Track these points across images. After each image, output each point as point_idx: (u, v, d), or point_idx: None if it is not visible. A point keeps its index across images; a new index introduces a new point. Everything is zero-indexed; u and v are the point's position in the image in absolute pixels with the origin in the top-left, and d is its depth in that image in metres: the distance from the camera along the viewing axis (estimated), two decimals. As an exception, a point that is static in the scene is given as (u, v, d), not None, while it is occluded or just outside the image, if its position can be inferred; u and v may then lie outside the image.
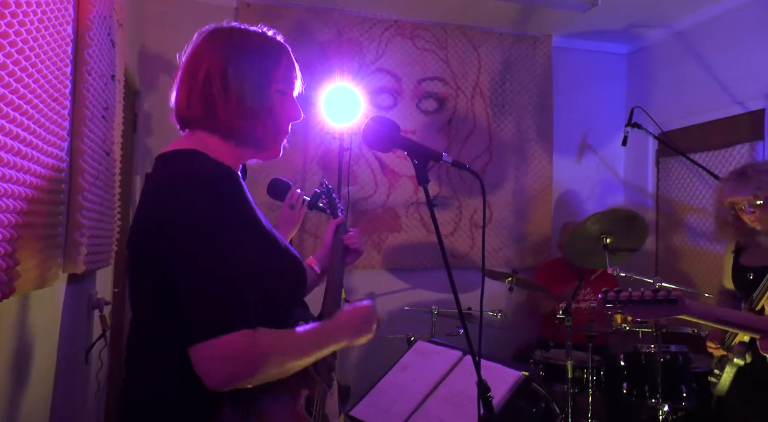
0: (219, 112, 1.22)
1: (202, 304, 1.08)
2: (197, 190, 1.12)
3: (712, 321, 1.51)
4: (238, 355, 1.07)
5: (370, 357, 4.17)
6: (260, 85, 1.26)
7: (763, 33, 3.73)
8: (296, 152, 4.10)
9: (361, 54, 4.22)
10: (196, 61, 1.25)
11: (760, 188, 2.46)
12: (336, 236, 1.76)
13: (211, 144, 1.25)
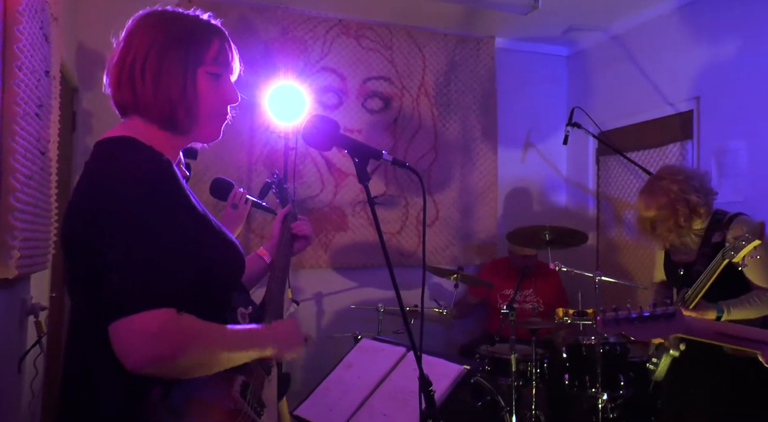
0: (141, 96, 1.22)
1: (123, 282, 1.06)
2: (127, 178, 1.12)
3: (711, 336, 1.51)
4: (159, 332, 1.04)
5: (317, 356, 4.16)
6: (184, 69, 1.24)
7: (690, 38, 3.91)
8: (241, 152, 4.05)
9: (306, 53, 4.20)
10: (126, 44, 1.25)
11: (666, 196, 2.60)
12: (284, 224, 1.75)
13: (145, 130, 1.24)
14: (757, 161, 3.48)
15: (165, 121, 1.24)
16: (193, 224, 1.20)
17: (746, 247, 2.20)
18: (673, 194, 2.60)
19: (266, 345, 1.28)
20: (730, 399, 2.52)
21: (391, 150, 4.39)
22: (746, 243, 2.19)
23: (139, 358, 1.04)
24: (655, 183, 2.69)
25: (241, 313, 1.31)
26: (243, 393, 1.27)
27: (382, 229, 4.34)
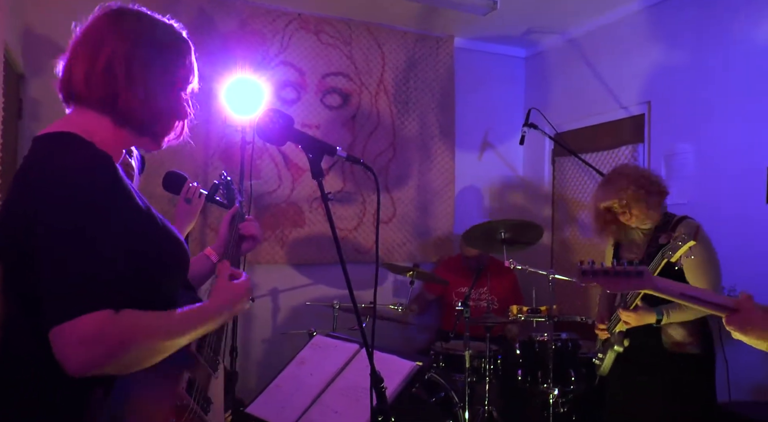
0: (121, 101, 1.20)
1: (60, 286, 1.04)
2: (65, 179, 1.09)
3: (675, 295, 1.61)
4: (96, 337, 1.02)
5: (271, 353, 4.14)
6: (167, 83, 1.27)
7: (642, 44, 4.01)
8: (197, 145, 3.98)
9: (265, 46, 4.15)
10: (99, 39, 1.22)
11: (624, 190, 2.68)
12: (231, 224, 1.73)
13: (94, 127, 1.21)
14: (703, 165, 3.59)
15: (135, 126, 1.24)
16: (135, 223, 1.17)
17: (682, 247, 2.29)
18: (632, 188, 2.68)
19: (216, 317, 1.27)
20: (669, 392, 2.63)
21: (349, 147, 4.38)
22: (682, 243, 2.28)
23: (79, 363, 1.02)
24: (616, 176, 2.77)
25: None
26: (189, 390, 1.26)
27: (339, 226, 4.36)
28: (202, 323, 1.23)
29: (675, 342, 2.65)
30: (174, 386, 1.22)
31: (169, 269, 1.26)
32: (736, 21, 3.44)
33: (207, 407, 1.30)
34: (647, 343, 2.67)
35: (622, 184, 2.70)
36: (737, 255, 3.14)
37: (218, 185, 2.15)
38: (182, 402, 1.22)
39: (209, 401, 1.32)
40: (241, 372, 3.92)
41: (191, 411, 1.23)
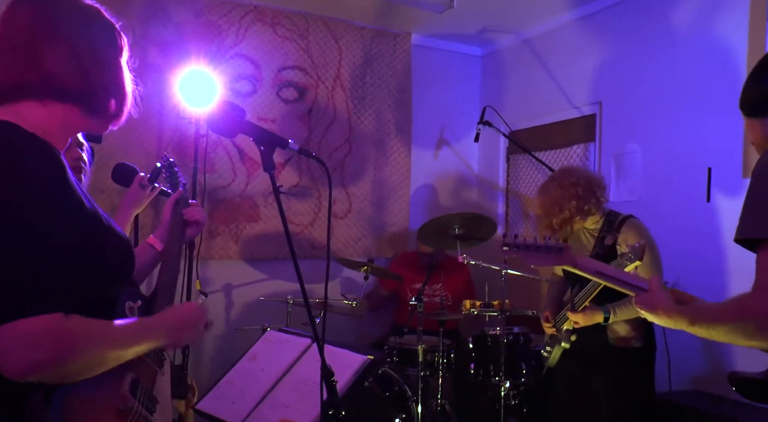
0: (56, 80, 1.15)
1: (8, 284, 1.00)
2: (8, 172, 1.04)
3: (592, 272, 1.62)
4: (39, 340, 0.99)
5: (224, 349, 4.09)
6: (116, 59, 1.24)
7: (593, 46, 4.11)
8: (150, 137, 3.90)
9: (220, 38, 4.09)
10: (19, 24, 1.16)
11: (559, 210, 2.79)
12: (175, 210, 1.69)
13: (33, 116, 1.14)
14: (651, 164, 3.71)
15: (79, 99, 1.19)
16: (81, 221, 1.13)
17: (629, 266, 2.36)
18: (558, 194, 2.78)
19: (158, 336, 1.23)
20: (611, 385, 2.73)
21: (305, 141, 4.35)
22: (629, 263, 2.34)
23: (17, 367, 0.98)
24: (547, 183, 2.90)
25: (129, 307, 1.25)
26: (133, 392, 1.22)
27: (294, 221, 4.33)
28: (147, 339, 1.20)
29: (619, 337, 2.74)
30: (116, 389, 1.18)
31: (113, 272, 1.22)
32: (678, 26, 3.56)
33: (152, 407, 1.27)
34: (593, 339, 2.76)
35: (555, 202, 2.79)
36: (680, 251, 3.26)
37: (160, 168, 2.04)
38: (126, 405, 1.19)
39: (155, 400, 1.29)
40: (193, 369, 3.87)
41: (135, 413, 1.20)
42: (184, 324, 1.31)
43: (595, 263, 1.64)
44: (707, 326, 1.28)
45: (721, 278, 3.25)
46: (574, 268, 1.60)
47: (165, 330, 1.26)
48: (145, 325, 1.23)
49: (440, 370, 3.44)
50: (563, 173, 2.92)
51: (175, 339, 1.28)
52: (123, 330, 1.16)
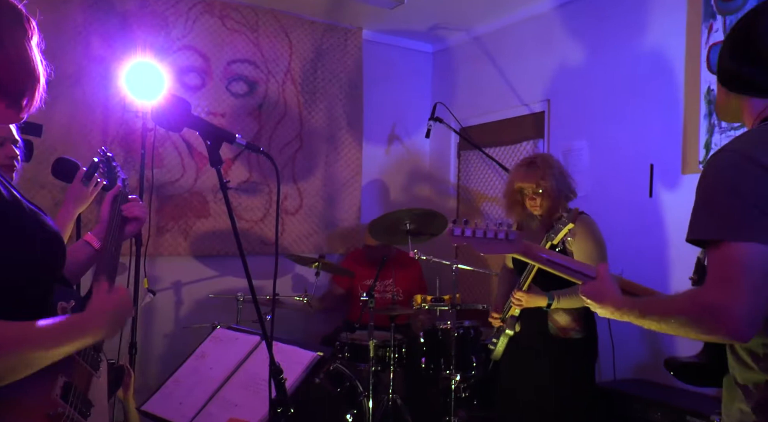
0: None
1: None
2: None
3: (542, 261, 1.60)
4: None
5: (173, 348, 4.01)
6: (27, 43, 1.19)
7: (543, 45, 4.19)
8: (94, 131, 3.77)
9: (167, 29, 3.99)
10: None
11: (544, 179, 2.79)
12: (113, 206, 1.62)
13: None
14: (597, 160, 3.81)
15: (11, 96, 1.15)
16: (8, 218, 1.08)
17: (563, 230, 2.43)
18: (553, 181, 2.81)
19: (86, 334, 1.17)
20: (553, 375, 2.81)
21: (256, 136, 4.30)
22: (563, 226, 2.43)
23: None
24: (541, 163, 2.87)
25: (62, 307, 1.20)
26: (65, 396, 1.17)
27: (245, 217, 4.28)
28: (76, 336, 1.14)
29: (560, 328, 2.81)
30: (46, 393, 1.13)
31: (44, 268, 1.17)
32: (622, 27, 3.66)
33: (86, 411, 1.22)
34: (535, 329, 2.83)
35: (546, 173, 2.81)
36: (625, 244, 3.36)
37: (98, 163, 1.97)
38: (56, 410, 1.14)
39: (89, 404, 1.24)
40: (141, 369, 3.78)
41: (67, 418, 1.16)
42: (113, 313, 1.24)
43: (545, 251, 1.63)
44: (658, 319, 1.29)
45: (663, 270, 3.36)
46: (525, 257, 1.59)
47: (93, 327, 1.19)
48: (71, 324, 1.17)
49: (392, 365, 3.46)
50: (553, 160, 2.93)
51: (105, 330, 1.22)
52: (47, 331, 1.10)
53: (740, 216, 1.19)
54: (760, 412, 1.26)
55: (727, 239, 1.19)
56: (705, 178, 1.28)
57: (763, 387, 1.26)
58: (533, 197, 2.83)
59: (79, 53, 3.63)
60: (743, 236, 1.18)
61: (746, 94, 1.38)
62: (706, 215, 1.24)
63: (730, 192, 1.22)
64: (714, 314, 1.18)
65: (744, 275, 1.16)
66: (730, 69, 1.39)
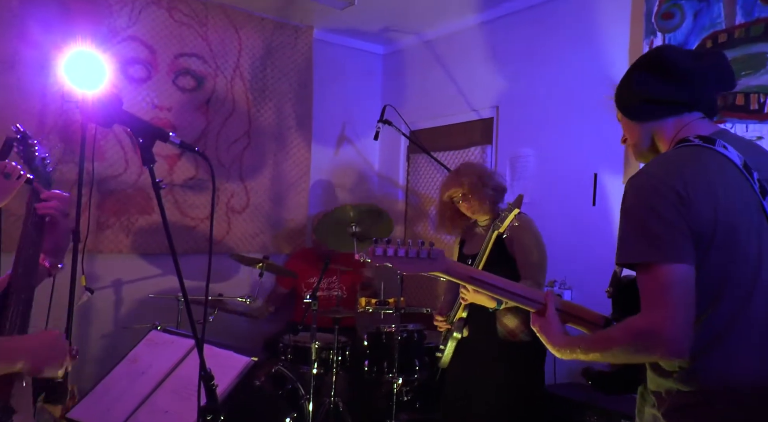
0: None
1: None
2: None
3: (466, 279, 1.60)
4: None
5: (111, 350, 3.88)
6: None
7: (493, 51, 4.24)
8: (31, 121, 3.61)
9: (111, 18, 3.86)
10: None
11: (466, 177, 2.85)
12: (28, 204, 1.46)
13: None
14: (543, 167, 3.87)
15: None
16: None
17: (509, 216, 2.46)
18: (474, 178, 2.86)
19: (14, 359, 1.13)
20: (502, 379, 2.82)
21: (203, 132, 4.20)
22: (508, 213, 2.45)
23: None
24: (461, 168, 2.97)
25: None
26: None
27: (190, 214, 4.18)
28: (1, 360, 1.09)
29: (509, 331, 2.82)
30: None
31: None
32: (568, 37, 3.74)
33: (8, 418, 1.17)
34: (484, 332, 2.83)
35: (465, 173, 2.89)
36: (568, 251, 3.43)
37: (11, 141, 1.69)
38: None
39: (10, 411, 1.18)
40: (75, 372, 3.64)
41: None
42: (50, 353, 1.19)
43: (470, 269, 1.64)
44: (601, 353, 1.34)
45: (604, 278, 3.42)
46: (447, 275, 1.57)
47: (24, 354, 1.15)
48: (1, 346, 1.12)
49: (334, 368, 3.43)
50: (474, 164, 3.05)
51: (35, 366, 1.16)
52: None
53: (667, 240, 1.25)
54: (670, 417, 1.31)
55: (658, 261, 1.25)
56: (628, 202, 1.35)
57: (675, 394, 1.31)
58: (464, 199, 2.88)
59: (14, 37, 3.48)
60: (672, 258, 1.24)
61: (661, 117, 1.46)
62: (635, 239, 1.30)
63: (655, 217, 1.28)
64: (651, 338, 1.24)
65: (673, 295, 1.22)
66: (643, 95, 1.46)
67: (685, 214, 1.26)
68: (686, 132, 1.42)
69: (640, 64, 1.51)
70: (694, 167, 1.32)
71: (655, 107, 1.46)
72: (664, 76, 1.43)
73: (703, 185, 1.29)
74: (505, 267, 2.75)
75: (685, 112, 1.45)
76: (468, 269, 1.64)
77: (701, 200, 1.27)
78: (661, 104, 1.45)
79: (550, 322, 1.49)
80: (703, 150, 1.35)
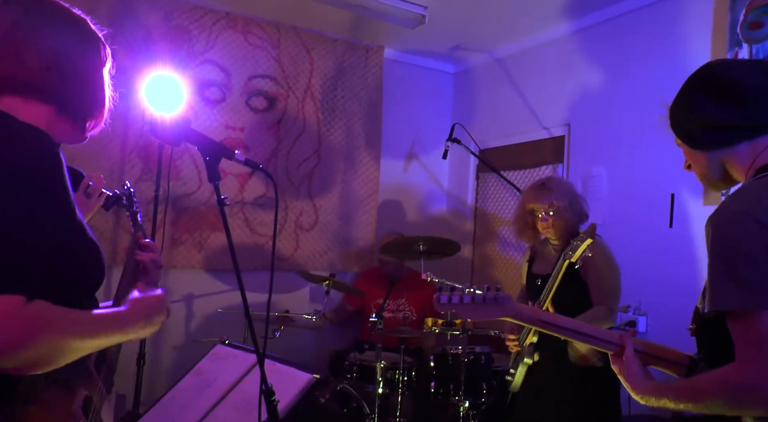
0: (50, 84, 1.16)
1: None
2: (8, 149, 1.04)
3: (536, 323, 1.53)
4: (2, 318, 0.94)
5: (182, 362, 3.98)
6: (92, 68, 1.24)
7: (564, 68, 4.15)
8: (114, 141, 3.82)
9: (190, 43, 4.03)
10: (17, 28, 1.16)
11: (556, 199, 2.74)
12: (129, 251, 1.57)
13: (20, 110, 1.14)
14: (616, 187, 3.73)
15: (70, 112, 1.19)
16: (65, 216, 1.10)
17: (581, 246, 2.37)
18: (565, 202, 2.76)
19: (125, 328, 1.16)
20: (574, 405, 2.70)
21: (273, 152, 4.30)
22: (581, 243, 2.36)
23: None
24: (553, 185, 2.83)
25: None
26: (85, 410, 1.17)
27: (259, 232, 4.27)
28: (116, 328, 1.14)
29: (581, 356, 2.70)
30: (69, 403, 1.12)
31: (86, 270, 1.17)
32: (646, 52, 3.60)
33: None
34: (555, 357, 2.73)
35: (558, 195, 2.76)
36: (642, 275, 3.27)
37: (119, 195, 1.97)
38: (76, 420, 1.13)
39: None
40: (149, 380, 3.77)
41: None
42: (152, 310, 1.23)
43: (540, 312, 1.57)
44: (693, 405, 1.24)
45: (680, 303, 3.25)
46: (515, 319, 1.51)
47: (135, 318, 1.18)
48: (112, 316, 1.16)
49: (400, 388, 3.39)
50: (565, 182, 2.91)
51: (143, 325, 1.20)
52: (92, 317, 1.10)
53: (758, 283, 1.15)
54: None
55: (754, 309, 1.15)
56: (715, 242, 1.22)
57: None
58: (545, 219, 2.77)
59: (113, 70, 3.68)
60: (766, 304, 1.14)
61: (731, 144, 1.33)
62: (727, 285, 1.19)
63: (742, 257, 1.17)
64: (754, 394, 1.14)
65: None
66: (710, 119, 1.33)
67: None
68: (767, 157, 1.29)
69: (695, 82, 1.38)
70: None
71: (722, 133, 1.32)
72: (729, 97, 1.29)
73: None
74: (577, 292, 2.65)
75: (758, 135, 1.30)
76: (537, 312, 1.56)
77: None
78: (730, 130, 1.31)
79: (628, 366, 1.41)
80: None
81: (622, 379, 1.42)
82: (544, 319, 1.50)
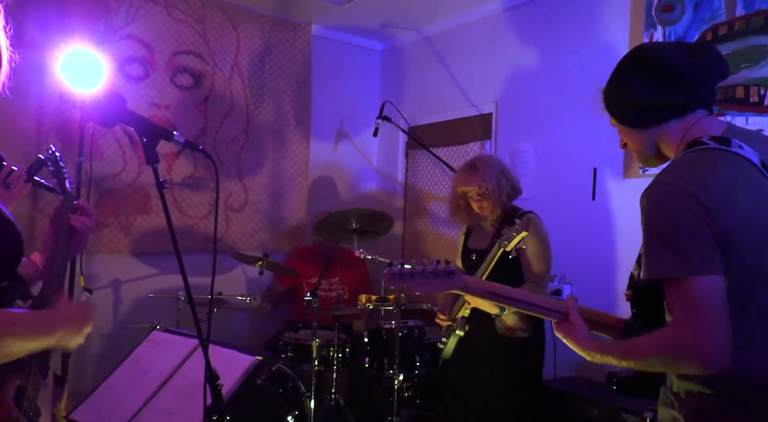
0: None
1: None
2: None
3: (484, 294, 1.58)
4: None
5: (110, 350, 3.86)
6: None
7: (493, 46, 4.23)
8: (28, 121, 3.60)
9: (108, 17, 3.84)
10: None
11: (484, 180, 2.81)
12: (60, 217, 1.48)
13: None
14: (543, 162, 3.87)
15: None
16: None
17: (516, 238, 2.46)
18: (493, 182, 2.82)
19: (54, 331, 1.12)
20: (501, 373, 2.84)
21: (201, 130, 4.19)
22: (516, 234, 2.45)
23: None
24: (481, 165, 2.88)
25: (18, 305, 1.14)
26: (18, 400, 1.11)
27: (189, 213, 4.17)
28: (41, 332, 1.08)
29: (507, 327, 2.83)
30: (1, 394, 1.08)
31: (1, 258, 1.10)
32: (572, 35, 3.72)
33: (36, 419, 1.16)
34: (484, 329, 2.84)
35: (485, 175, 2.82)
36: (567, 246, 3.42)
37: (44, 160, 1.80)
38: (9, 415, 1.08)
39: (38, 412, 1.18)
40: (75, 372, 3.64)
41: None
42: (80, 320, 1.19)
43: (487, 283, 1.61)
44: (635, 362, 1.32)
45: (603, 272, 3.44)
46: (464, 291, 1.55)
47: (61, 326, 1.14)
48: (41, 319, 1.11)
49: (335, 365, 3.43)
50: (493, 158, 2.98)
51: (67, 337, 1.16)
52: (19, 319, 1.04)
53: (693, 251, 1.23)
54: (691, 420, 1.30)
55: (685, 274, 1.22)
56: (650, 215, 1.30)
57: (696, 396, 1.30)
58: (477, 199, 2.85)
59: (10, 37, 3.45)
60: (700, 270, 1.22)
61: (662, 121, 1.41)
62: (660, 253, 1.27)
63: (678, 228, 1.25)
64: (690, 353, 1.22)
65: (708, 308, 1.20)
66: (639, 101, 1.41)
67: (708, 222, 1.23)
68: (695, 133, 1.37)
69: (628, 65, 1.45)
70: (712, 172, 1.28)
71: (655, 112, 1.40)
72: (660, 78, 1.37)
73: (723, 190, 1.25)
74: (510, 273, 2.75)
75: (687, 113, 1.39)
76: (485, 284, 1.61)
77: (723, 206, 1.24)
78: (661, 108, 1.39)
79: (576, 327, 1.48)
80: (719, 152, 1.31)
81: (568, 341, 1.49)
82: (492, 290, 1.55)
